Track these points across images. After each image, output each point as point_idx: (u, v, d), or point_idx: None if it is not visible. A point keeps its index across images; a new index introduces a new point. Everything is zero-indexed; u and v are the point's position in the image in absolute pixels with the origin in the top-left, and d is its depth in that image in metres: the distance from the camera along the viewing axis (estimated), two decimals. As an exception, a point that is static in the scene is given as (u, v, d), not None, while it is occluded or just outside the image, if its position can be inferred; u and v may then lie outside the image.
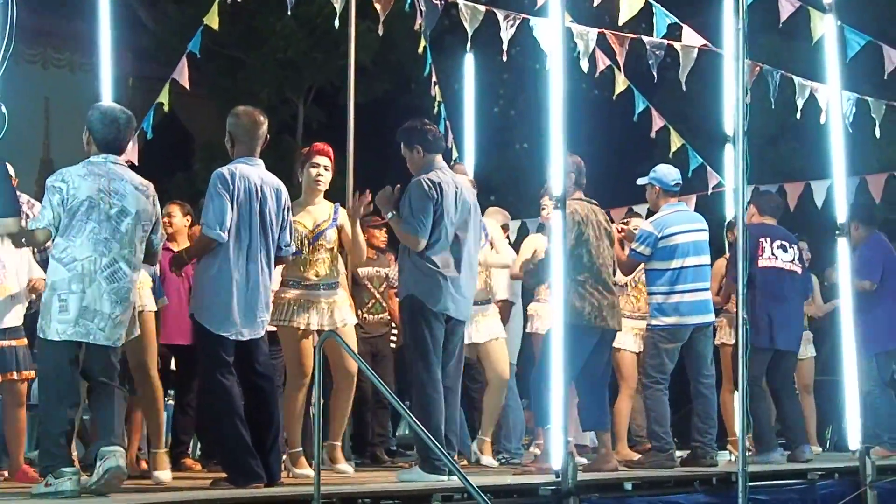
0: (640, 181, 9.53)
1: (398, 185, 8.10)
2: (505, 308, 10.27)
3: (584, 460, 9.22)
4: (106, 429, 6.63)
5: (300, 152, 8.53)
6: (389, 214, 8.00)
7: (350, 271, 9.80)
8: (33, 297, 8.09)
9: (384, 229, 10.66)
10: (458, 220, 8.01)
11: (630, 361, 10.20)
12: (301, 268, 8.29)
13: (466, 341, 8.88)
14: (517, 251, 10.15)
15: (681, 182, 9.50)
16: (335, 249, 8.46)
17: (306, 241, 8.30)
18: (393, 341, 10.77)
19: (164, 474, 7.85)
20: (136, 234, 6.78)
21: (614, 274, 9.12)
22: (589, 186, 9.05)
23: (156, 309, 8.22)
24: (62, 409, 6.57)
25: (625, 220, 10.16)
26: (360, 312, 10.02)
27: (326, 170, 8.43)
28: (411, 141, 8.15)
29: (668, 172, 9.45)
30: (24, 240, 6.99)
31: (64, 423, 6.56)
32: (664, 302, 9.19)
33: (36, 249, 7.88)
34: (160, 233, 7.09)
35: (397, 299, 8.71)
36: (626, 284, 10.32)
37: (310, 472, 7.78)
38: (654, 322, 9.25)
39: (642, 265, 9.50)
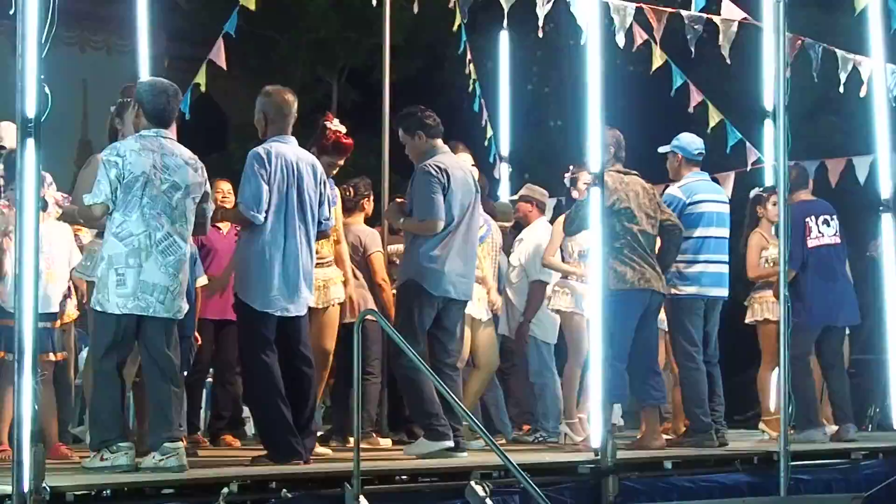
0: (662, 149, 9.42)
1: (400, 199, 8.28)
2: (539, 288, 10.21)
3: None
4: (165, 419, 6.65)
5: (321, 126, 8.42)
6: (401, 221, 8.14)
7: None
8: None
9: None
10: (463, 204, 8.04)
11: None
12: None
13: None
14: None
15: (703, 151, 9.38)
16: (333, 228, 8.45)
17: None
18: None
19: None
20: (187, 207, 6.81)
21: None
22: (626, 162, 8.99)
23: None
24: (111, 382, 6.62)
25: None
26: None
27: (339, 167, 8.47)
28: (412, 127, 8.19)
29: (691, 141, 9.36)
30: (78, 217, 7.13)
31: (118, 397, 6.62)
32: (686, 270, 9.06)
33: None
34: (210, 203, 7.12)
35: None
36: None
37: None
38: (674, 291, 9.06)
39: None
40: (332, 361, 8.75)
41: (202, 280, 8.63)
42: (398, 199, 8.42)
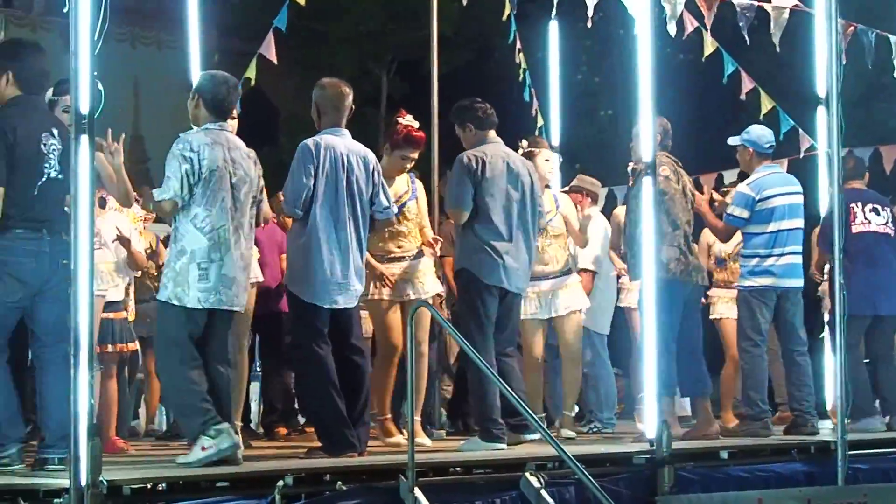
0: (732, 141, 9.38)
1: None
2: (588, 278, 10.18)
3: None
4: (224, 413, 6.66)
5: (394, 122, 8.48)
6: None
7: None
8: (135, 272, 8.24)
9: None
10: (509, 193, 8.05)
11: (732, 329, 10.07)
12: (386, 240, 8.34)
13: (545, 316, 8.87)
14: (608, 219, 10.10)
15: (774, 144, 9.37)
16: (416, 221, 8.49)
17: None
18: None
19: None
20: (250, 200, 6.87)
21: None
22: (676, 151, 8.96)
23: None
24: (193, 372, 6.59)
25: (725, 190, 10.03)
26: None
27: (413, 161, 8.47)
28: (463, 119, 8.28)
29: (762, 134, 9.32)
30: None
31: (202, 383, 6.59)
32: (759, 265, 9.07)
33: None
34: (264, 196, 7.15)
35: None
36: (727, 258, 10.23)
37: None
38: (746, 283, 9.13)
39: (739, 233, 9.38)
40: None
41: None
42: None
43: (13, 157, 6.28)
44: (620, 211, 9.96)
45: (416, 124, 8.43)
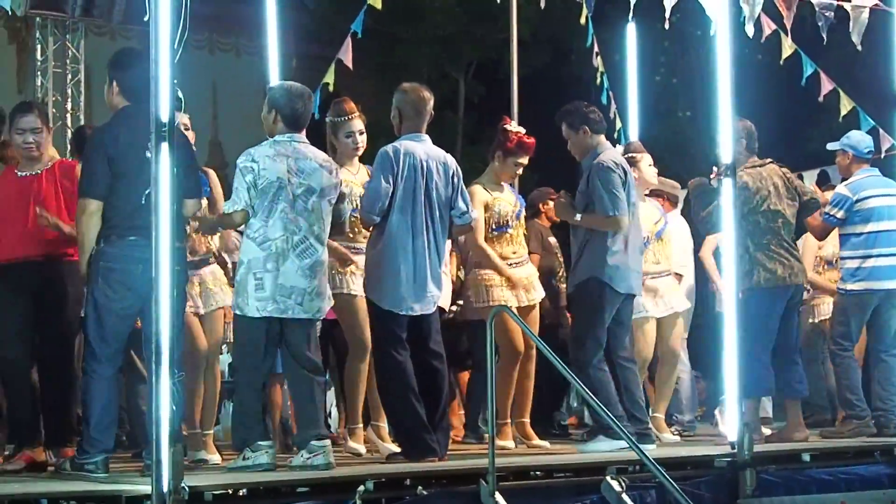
0: (832, 146, 9.47)
1: (563, 192, 8.34)
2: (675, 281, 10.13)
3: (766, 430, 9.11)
4: (312, 418, 6.78)
5: (501, 129, 8.60)
6: (578, 217, 8.07)
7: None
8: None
9: None
10: (633, 201, 8.11)
11: None
12: (503, 246, 8.52)
13: (638, 315, 8.86)
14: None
15: (874, 149, 9.42)
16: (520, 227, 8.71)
17: (512, 220, 8.56)
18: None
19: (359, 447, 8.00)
20: (323, 209, 6.93)
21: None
22: (759, 153, 8.90)
23: None
24: (257, 383, 6.84)
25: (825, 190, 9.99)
26: None
27: (523, 167, 8.60)
28: (576, 122, 8.18)
29: (861, 139, 9.45)
30: (210, 225, 7.37)
31: (259, 396, 6.82)
32: (859, 266, 9.08)
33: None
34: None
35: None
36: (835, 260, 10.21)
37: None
38: (845, 286, 9.16)
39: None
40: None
41: None
42: (562, 196, 8.40)
43: (117, 167, 6.42)
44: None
45: (523, 130, 8.58)
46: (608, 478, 6.68)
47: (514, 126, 8.61)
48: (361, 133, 8.06)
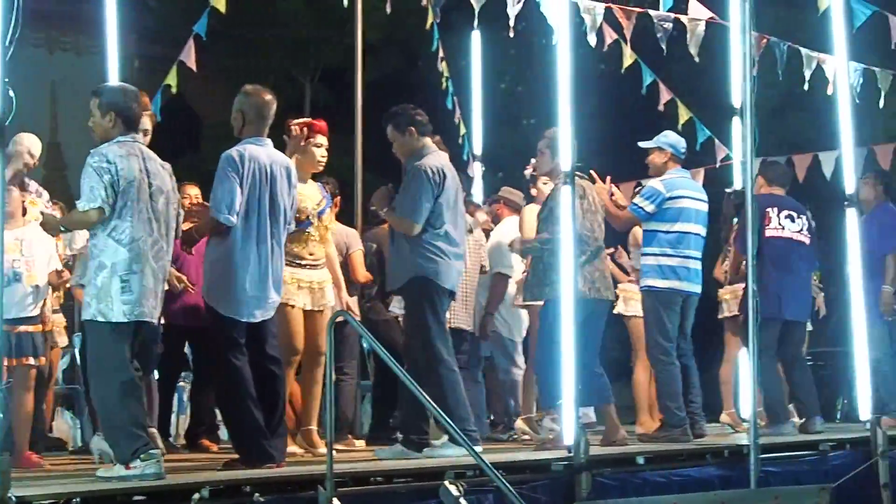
0: (645, 144, 9.46)
1: (390, 185, 8.21)
2: (500, 281, 10.24)
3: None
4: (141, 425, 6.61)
5: (292, 127, 8.46)
6: (385, 210, 8.10)
7: None
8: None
9: None
10: (453, 204, 8.07)
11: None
12: (301, 246, 8.33)
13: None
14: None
15: (686, 151, 9.49)
16: (326, 228, 8.56)
17: (314, 218, 8.36)
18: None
19: None
20: (169, 212, 6.82)
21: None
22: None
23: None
24: (126, 390, 6.51)
25: (637, 191, 10.13)
26: None
27: (327, 150, 8.46)
28: (402, 123, 8.13)
29: (678, 139, 9.48)
30: (63, 225, 7.14)
31: (135, 406, 6.54)
32: (665, 264, 9.11)
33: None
34: (180, 208, 7.11)
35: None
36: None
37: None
38: (652, 283, 9.14)
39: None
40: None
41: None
42: (384, 188, 8.37)
43: None
44: (530, 210, 9.80)
45: (306, 119, 8.49)
46: (446, 482, 6.71)
47: (296, 120, 8.47)
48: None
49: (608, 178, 9.12)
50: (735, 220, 10.60)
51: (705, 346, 10.73)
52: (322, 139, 8.41)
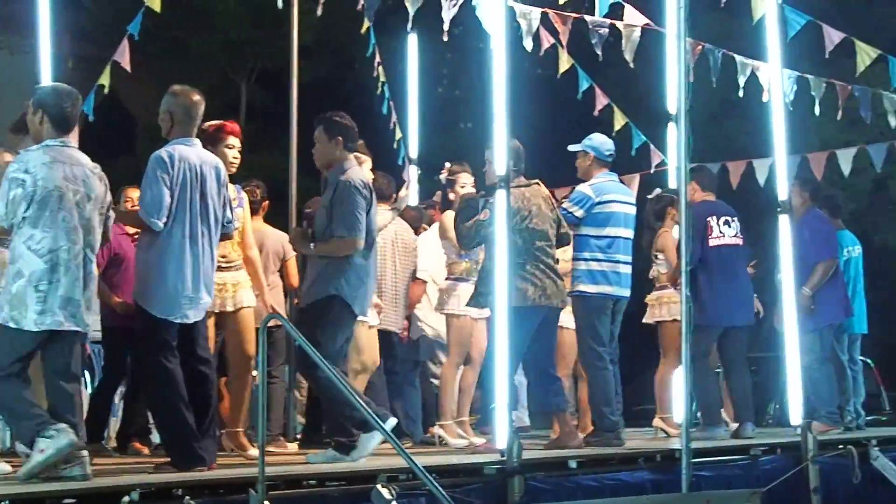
0: (572, 147, 9.47)
1: (304, 225, 8.29)
2: (418, 287, 10.25)
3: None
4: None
5: (203, 127, 8.42)
6: (312, 247, 8.05)
7: None
8: None
9: None
10: (374, 220, 8.12)
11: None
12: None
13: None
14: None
15: (614, 153, 9.48)
16: (239, 231, 8.47)
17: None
18: None
19: None
20: (96, 218, 6.75)
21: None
22: (533, 165, 9.05)
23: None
24: (26, 384, 6.54)
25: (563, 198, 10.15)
26: None
27: (240, 151, 8.43)
28: (334, 131, 8.11)
29: (603, 142, 9.44)
30: None
31: (29, 394, 6.52)
32: (596, 269, 9.13)
33: None
34: (111, 212, 7.04)
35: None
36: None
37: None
38: (583, 288, 9.15)
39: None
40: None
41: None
42: (300, 229, 8.37)
43: None
44: (448, 216, 9.77)
45: (216, 122, 8.44)
46: (379, 486, 6.71)
47: (207, 123, 8.39)
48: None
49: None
50: (660, 224, 10.66)
51: (638, 351, 10.81)
52: (234, 140, 8.39)
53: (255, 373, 8.52)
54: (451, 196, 9.69)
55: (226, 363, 8.78)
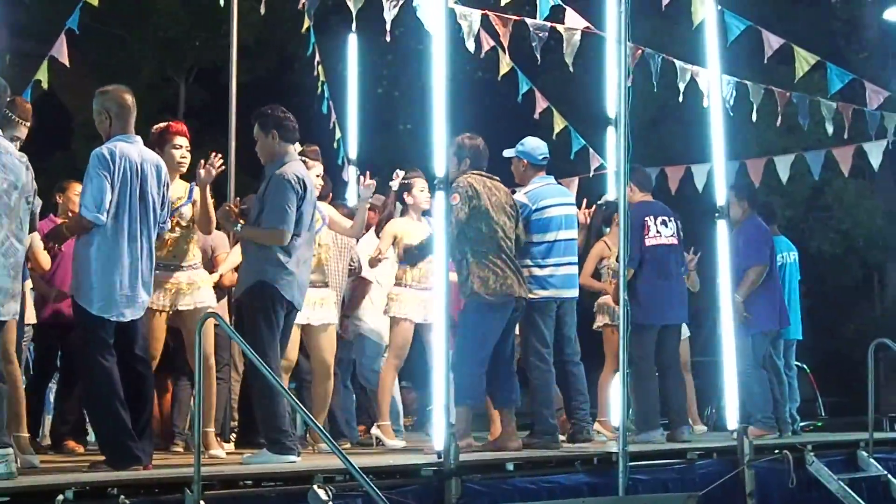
0: (507, 153, 9.46)
1: (238, 199, 8.25)
2: (362, 285, 10.21)
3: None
4: None
5: (152, 131, 8.42)
6: (238, 227, 8.03)
7: None
8: None
9: None
10: (309, 215, 8.06)
11: None
12: (164, 249, 8.24)
13: (302, 321, 8.84)
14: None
15: (548, 156, 9.47)
16: (191, 227, 8.42)
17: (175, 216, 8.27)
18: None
19: None
20: (22, 207, 6.67)
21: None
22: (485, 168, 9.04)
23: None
24: None
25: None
26: None
27: (188, 150, 8.41)
28: (268, 125, 8.08)
29: (536, 146, 9.42)
30: None
31: None
32: (538, 273, 9.13)
33: None
34: (37, 202, 6.96)
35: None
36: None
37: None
38: (528, 296, 9.10)
39: None
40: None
41: (28, 284, 8.43)
42: (227, 206, 8.31)
43: None
44: (392, 225, 9.79)
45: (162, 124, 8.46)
46: (315, 486, 6.68)
47: (156, 125, 8.48)
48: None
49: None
50: (607, 229, 10.72)
51: (589, 356, 10.82)
52: (181, 140, 8.38)
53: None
54: (410, 200, 9.66)
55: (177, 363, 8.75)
